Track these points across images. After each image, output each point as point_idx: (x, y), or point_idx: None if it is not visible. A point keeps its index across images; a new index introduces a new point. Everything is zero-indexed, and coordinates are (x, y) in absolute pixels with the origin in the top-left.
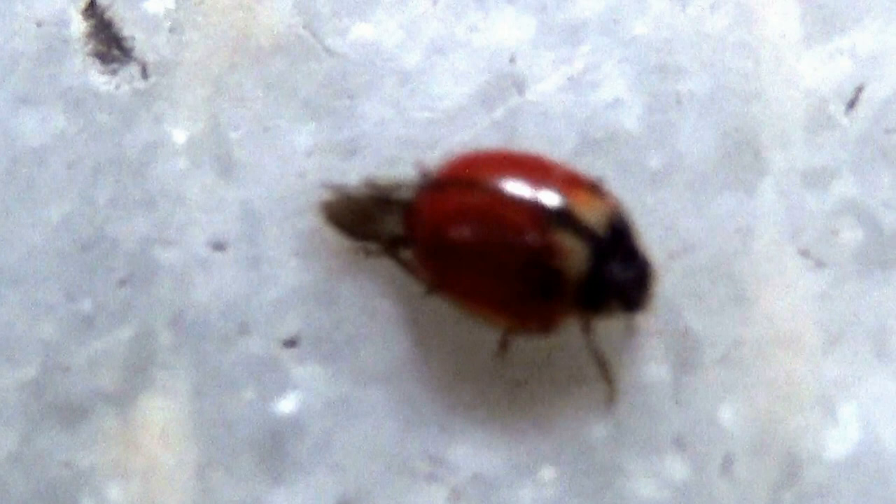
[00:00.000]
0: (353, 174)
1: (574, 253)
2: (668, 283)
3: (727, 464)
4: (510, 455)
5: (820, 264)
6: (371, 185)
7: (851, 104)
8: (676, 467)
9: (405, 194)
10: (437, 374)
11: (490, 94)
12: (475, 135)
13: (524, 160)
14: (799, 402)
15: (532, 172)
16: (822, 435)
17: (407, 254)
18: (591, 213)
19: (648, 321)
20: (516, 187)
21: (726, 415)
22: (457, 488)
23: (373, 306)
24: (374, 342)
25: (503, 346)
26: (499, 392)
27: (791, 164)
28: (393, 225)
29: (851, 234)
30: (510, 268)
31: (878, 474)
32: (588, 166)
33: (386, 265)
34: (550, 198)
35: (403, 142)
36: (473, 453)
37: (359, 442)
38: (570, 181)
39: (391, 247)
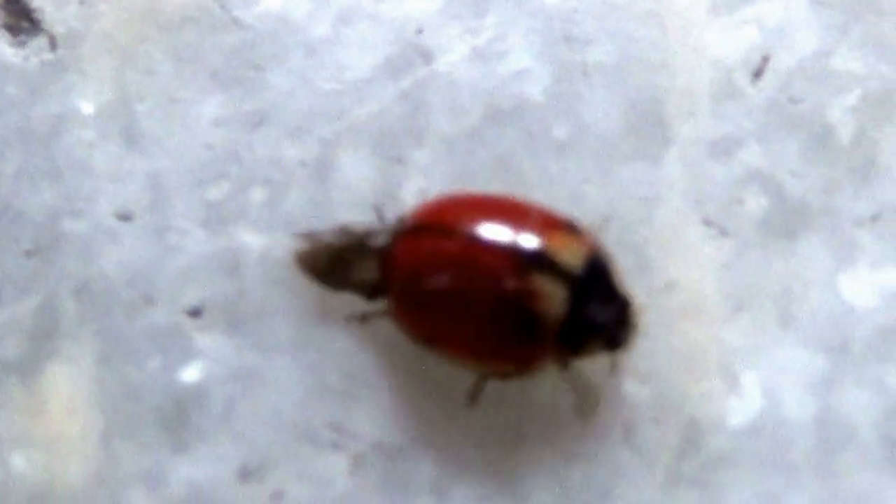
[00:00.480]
0: (260, 145)
1: (552, 296)
2: None
3: (629, 432)
4: (412, 424)
5: (724, 233)
6: (346, 232)
7: (757, 74)
8: (577, 434)
9: (381, 240)
10: (340, 344)
11: (397, 65)
12: (382, 105)
13: (500, 203)
14: (702, 370)
15: (508, 215)
16: (725, 403)
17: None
18: (569, 255)
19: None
20: (492, 231)
21: (629, 383)
22: (359, 456)
23: (277, 276)
24: (278, 312)
25: (474, 397)
26: (400, 361)
27: (697, 133)
28: (369, 272)
29: (756, 203)
30: (488, 313)
31: (780, 441)
32: (494, 136)
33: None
34: (527, 241)
35: (310, 112)
36: (376, 422)
37: (262, 410)
38: (546, 223)
39: (369, 295)
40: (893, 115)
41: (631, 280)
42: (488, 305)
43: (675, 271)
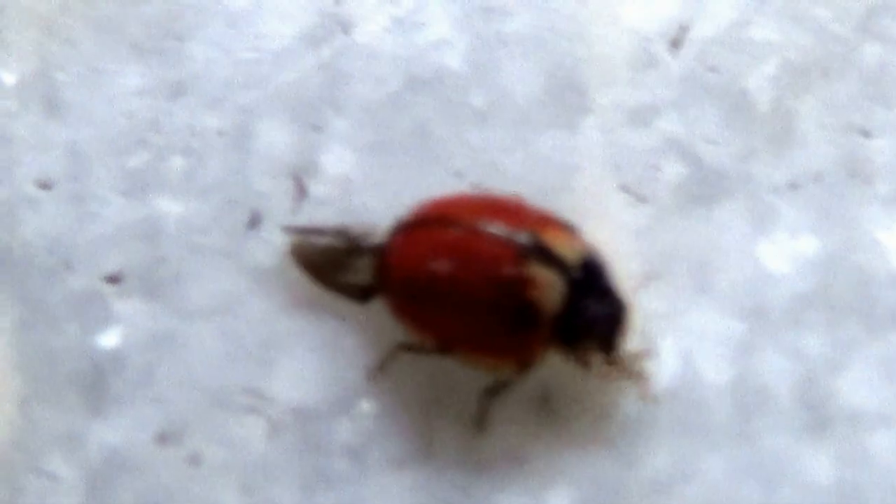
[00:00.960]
0: (180, 114)
1: (550, 285)
2: None
3: (545, 397)
4: (329, 389)
5: (642, 200)
6: (342, 233)
7: (675, 43)
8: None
9: (376, 241)
10: (258, 310)
11: (316, 35)
12: (301, 75)
13: (498, 200)
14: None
15: (505, 211)
16: (642, 367)
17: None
18: (566, 249)
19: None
20: (490, 223)
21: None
22: (276, 421)
23: (196, 242)
24: (197, 278)
25: (480, 423)
26: (318, 327)
27: (615, 102)
28: (360, 274)
29: (673, 171)
30: (486, 302)
31: (697, 406)
32: (413, 105)
33: None
34: (525, 232)
35: (230, 82)
36: (293, 387)
37: (180, 375)
38: (543, 219)
39: (358, 298)
40: (811, 84)
41: None
42: (487, 294)
43: (592, 237)
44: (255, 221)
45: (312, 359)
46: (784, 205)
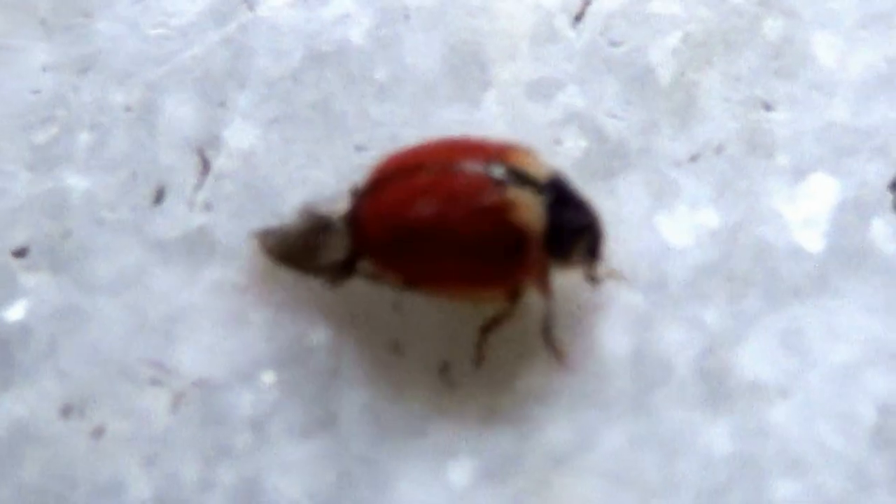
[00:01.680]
0: (87, 89)
1: (531, 205)
2: None
3: (444, 368)
4: (232, 361)
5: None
6: (307, 214)
7: (578, 17)
8: (394, 371)
9: (342, 209)
10: (161, 283)
11: (221, 11)
12: (206, 50)
13: (454, 141)
14: (517, 307)
15: (465, 148)
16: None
17: (364, 267)
18: (535, 169)
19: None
20: (458, 160)
21: (444, 320)
22: (179, 393)
23: (102, 217)
24: (103, 252)
25: (479, 356)
26: (221, 299)
27: (516, 76)
28: (336, 250)
29: (574, 144)
30: (474, 236)
31: (597, 378)
32: (315, 79)
33: None
34: (494, 162)
35: (136, 57)
36: (196, 359)
37: (85, 349)
38: (503, 147)
39: (336, 276)
40: (713, 58)
41: None
42: (471, 228)
43: None
44: (160, 196)
45: (215, 332)
46: (685, 177)
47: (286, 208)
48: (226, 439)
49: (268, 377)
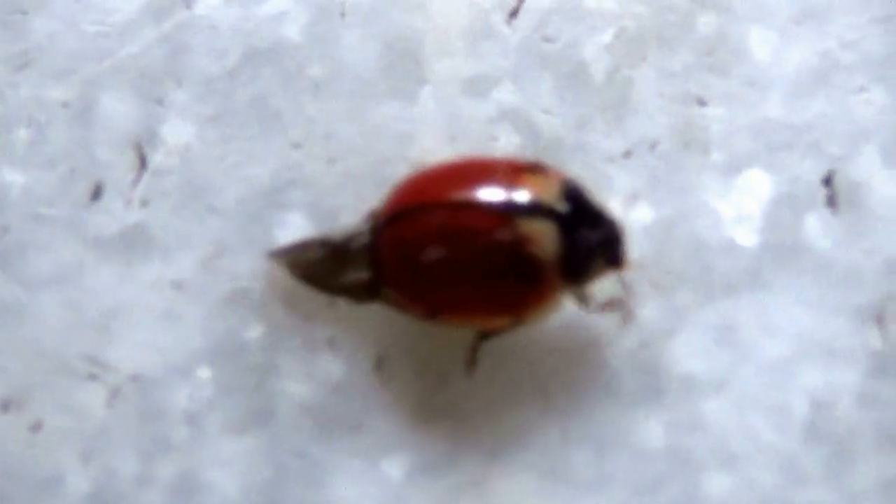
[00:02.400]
0: (25, 86)
1: (544, 236)
2: (327, 187)
3: (380, 363)
4: (168, 356)
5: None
6: (325, 242)
7: (513, 14)
8: (330, 367)
9: (362, 240)
10: (99, 279)
11: (159, 8)
12: (144, 48)
13: (464, 166)
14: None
15: (476, 175)
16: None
17: (387, 294)
18: (546, 192)
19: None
20: (468, 195)
21: (379, 316)
22: (116, 387)
23: (39, 213)
24: (40, 247)
25: (472, 361)
26: (157, 295)
27: (452, 72)
28: (359, 273)
29: (509, 140)
30: (490, 272)
31: (531, 373)
32: (252, 77)
33: None
34: (503, 192)
35: (74, 54)
36: (133, 354)
37: (22, 344)
38: (514, 170)
39: (363, 297)
40: (647, 54)
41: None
42: (487, 265)
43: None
44: (98, 192)
45: (152, 328)
46: (619, 173)
47: (221, 204)
48: (162, 434)
49: (204, 372)
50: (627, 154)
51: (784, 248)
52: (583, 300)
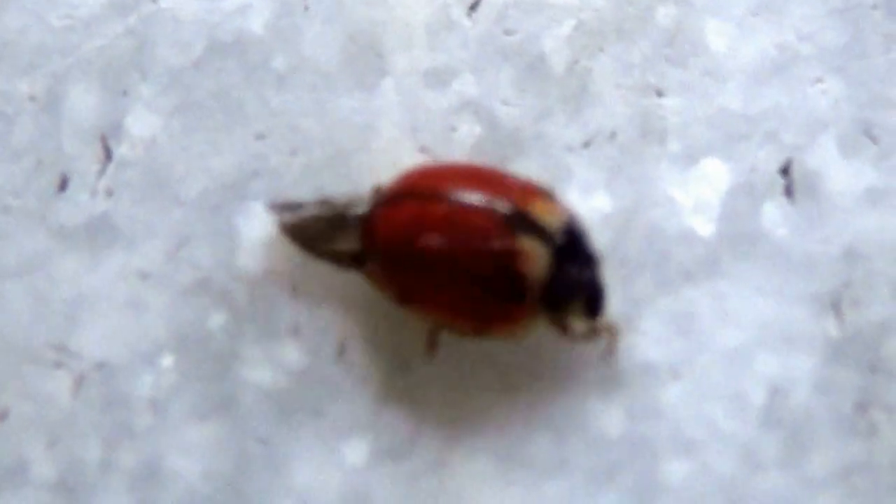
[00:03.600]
0: None
1: (536, 256)
2: (290, 179)
3: (342, 350)
4: (132, 344)
5: (439, 160)
6: (325, 203)
7: (473, 7)
8: (293, 354)
9: (360, 210)
10: (64, 269)
11: (125, 2)
12: (110, 41)
13: (479, 171)
14: None
15: (488, 182)
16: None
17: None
18: (550, 219)
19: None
20: (476, 196)
21: (341, 303)
22: (81, 375)
23: (6, 204)
24: (7, 238)
25: (432, 345)
26: (122, 284)
27: (413, 64)
28: (349, 242)
29: (469, 131)
30: (475, 275)
31: (491, 359)
32: (216, 69)
33: None
34: (510, 204)
35: (41, 48)
36: (98, 343)
37: None
38: (526, 189)
39: (348, 265)
40: (606, 45)
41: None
42: (474, 266)
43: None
44: (64, 183)
45: (116, 316)
46: (578, 163)
47: (185, 194)
48: (126, 421)
49: (168, 360)
50: (586, 144)
51: (741, 237)
52: (564, 331)
